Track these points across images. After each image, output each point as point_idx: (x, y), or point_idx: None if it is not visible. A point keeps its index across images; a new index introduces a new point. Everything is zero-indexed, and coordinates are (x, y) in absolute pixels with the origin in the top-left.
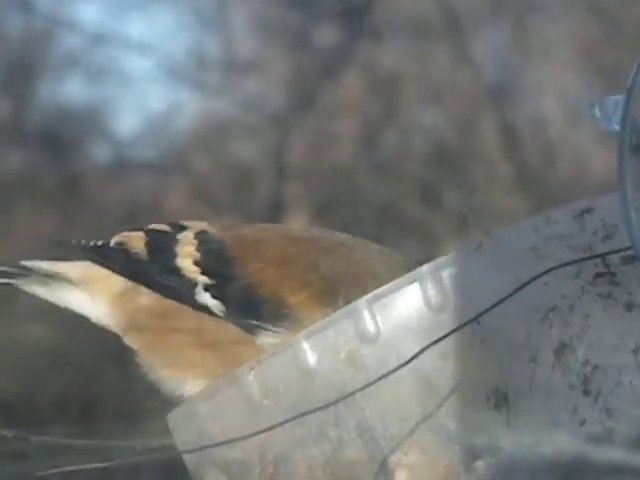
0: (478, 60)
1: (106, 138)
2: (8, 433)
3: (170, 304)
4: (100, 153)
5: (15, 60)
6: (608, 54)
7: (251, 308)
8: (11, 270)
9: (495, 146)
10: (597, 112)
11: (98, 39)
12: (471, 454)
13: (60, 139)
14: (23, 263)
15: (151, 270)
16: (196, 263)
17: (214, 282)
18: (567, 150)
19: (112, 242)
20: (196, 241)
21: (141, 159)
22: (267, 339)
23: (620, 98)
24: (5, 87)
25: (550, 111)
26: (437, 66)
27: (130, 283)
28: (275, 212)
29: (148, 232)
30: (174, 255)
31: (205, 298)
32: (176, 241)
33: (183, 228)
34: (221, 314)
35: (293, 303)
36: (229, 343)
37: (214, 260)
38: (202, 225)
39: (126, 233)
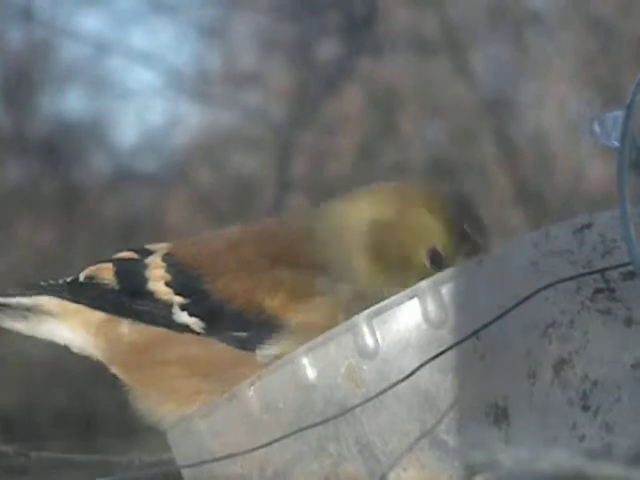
0: (477, 74)
1: (107, 150)
2: (8, 449)
3: (151, 333)
4: (101, 165)
5: (16, 72)
6: (607, 68)
7: (231, 321)
8: None
9: (494, 160)
10: (597, 128)
11: (99, 51)
12: (470, 469)
13: (61, 151)
14: None
15: (124, 299)
16: (168, 284)
17: (189, 300)
18: (566, 164)
19: (81, 277)
20: (164, 263)
21: (142, 171)
22: (265, 350)
23: (620, 114)
24: (6, 99)
25: (549, 125)
26: (436, 80)
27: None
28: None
29: (115, 262)
30: (145, 280)
31: (183, 317)
32: (145, 266)
33: (149, 252)
34: (202, 331)
35: (270, 306)
36: (225, 365)
37: (185, 279)
38: (166, 246)
39: (94, 266)
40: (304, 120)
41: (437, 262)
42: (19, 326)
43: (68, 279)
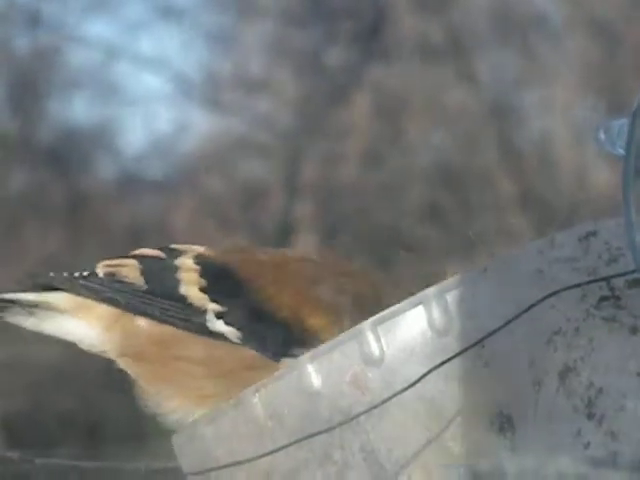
0: (483, 81)
1: (115, 157)
2: (14, 455)
3: (173, 330)
4: (108, 172)
5: (23, 77)
6: (612, 74)
7: (270, 334)
8: None
9: (499, 166)
10: (602, 136)
11: (107, 57)
12: (475, 478)
13: (68, 157)
14: (3, 296)
15: (151, 300)
16: (203, 290)
17: (226, 309)
18: (571, 171)
19: (100, 272)
20: (198, 267)
21: (150, 178)
22: (288, 362)
23: (625, 122)
24: (13, 105)
25: (554, 131)
26: (443, 87)
27: None
28: (284, 231)
29: (140, 259)
30: (176, 282)
31: (218, 326)
32: (175, 267)
33: (177, 253)
34: (238, 341)
35: (314, 324)
36: (245, 370)
37: (223, 286)
38: (197, 249)
39: (111, 261)
40: (312, 127)
41: None
42: (27, 323)
43: (84, 273)
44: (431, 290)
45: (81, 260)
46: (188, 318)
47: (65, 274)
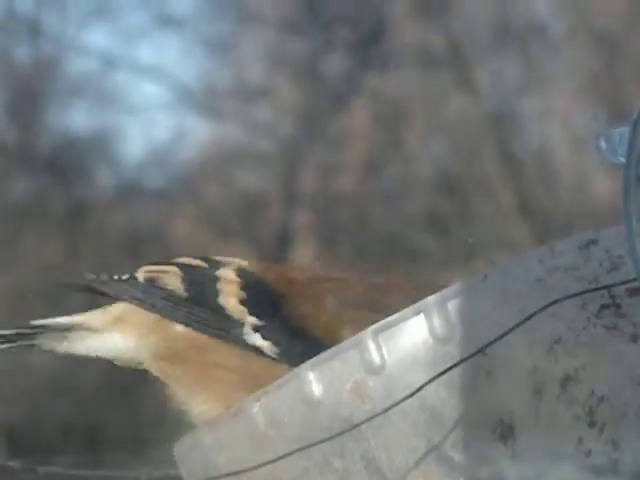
0: (482, 89)
1: (113, 165)
2: (15, 464)
3: (212, 339)
4: (107, 180)
5: (22, 86)
6: (612, 83)
7: (307, 350)
8: (25, 332)
9: (498, 175)
10: (602, 144)
11: (106, 66)
12: None
13: (67, 166)
14: (34, 323)
15: (190, 308)
16: (242, 302)
17: (264, 323)
18: (571, 180)
19: (140, 277)
20: (239, 279)
21: (149, 187)
22: None
23: (626, 130)
24: (12, 113)
25: (554, 140)
26: (442, 96)
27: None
28: (283, 240)
29: (182, 267)
30: (216, 293)
31: (255, 339)
32: (216, 278)
33: (218, 263)
34: (275, 356)
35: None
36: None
37: (262, 300)
38: (238, 261)
39: (152, 267)
40: (311, 135)
41: None
42: (60, 347)
43: (123, 276)
44: (432, 298)
45: (80, 268)
46: (226, 329)
47: (106, 276)
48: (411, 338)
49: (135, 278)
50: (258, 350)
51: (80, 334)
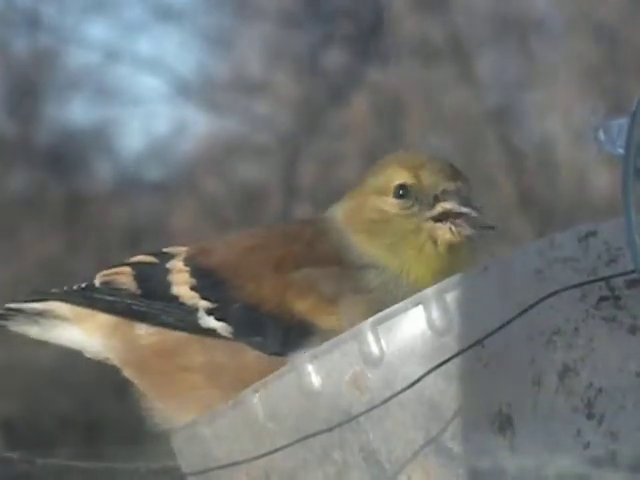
0: (482, 82)
1: (113, 158)
2: (13, 455)
3: (172, 336)
4: (107, 173)
5: (22, 79)
6: (611, 76)
7: (260, 326)
8: None
9: (499, 168)
10: (602, 136)
11: (106, 59)
12: (475, 477)
13: (67, 159)
14: (9, 305)
15: (145, 303)
16: (193, 288)
17: (216, 305)
18: (571, 172)
19: (97, 282)
20: (188, 267)
21: (148, 179)
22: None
23: (624, 122)
24: (11, 106)
25: (554, 133)
26: (442, 88)
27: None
28: None
29: (134, 266)
30: (168, 284)
31: (210, 322)
32: (167, 270)
33: (169, 256)
34: (229, 335)
35: (301, 310)
36: (254, 376)
37: (211, 283)
38: (185, 250)
39: (109, 270)
40: (311, 128)
41: (400, 193)
42: (31, 331)
43: (82, 285)
44: (431, 290)
45: (79, 261)
46: (181, 317)
47: (65, 288)
48: (410, 330)
49: (93, 284)
50: (214, 332)
51: (51, 322)
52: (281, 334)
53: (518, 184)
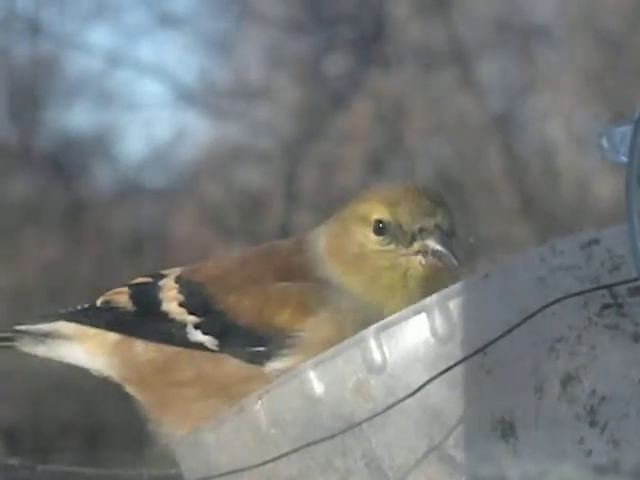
0: (484, 88)
1: (114, 164)
2: (14, 462)
3: (165, 353)
4: (108, 179)
5: (23, 85)
6: (614, 82)
7: (242, 337)
8: (6, 335)
9: (500, 174)
10: (604, 143)
11: (107, 65)
12: None
13: (68, 165)
14: (17, 327)
15: (139, 320)
16: (181, 305)
17: (202, 319)
18: (573, 178)
19: (98, 302)
20: (177, 285)
21: (149, 185)
22: (274, 365)
23: (627, 129)
24: (13, 112)
25: (556, 139)
26: (443, 94)
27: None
28: (284, 237)
29: (131, 286)
30: (159, 302)
31: (197, 336)
32: (158, 288)
33: (163, 276)
34: (215, 348)
35: (280, 321)
36: (236, 382)
37: (197, 299)
38: (179, 270)
39: (110, 292)
40: (312, 134)
41: (379, 229)
42: (37, 351)
43: (85, 305)
44: (433, 297)
45: (81, 267)
46: (172, 332)
47: (68, 308)
48: (412, 337)
49: (94, 304)
50: (201, 346)
51: (56, 341)
52: (260, 344)
53: (520, 190)
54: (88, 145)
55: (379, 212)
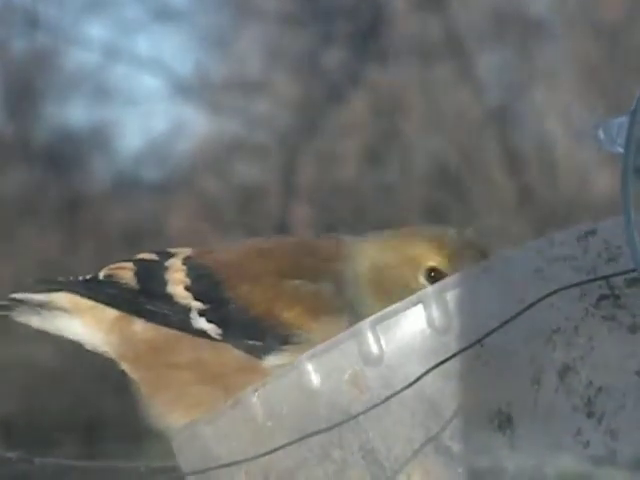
0: (481, 82)
1: (111, 158)
2: (12, 455)
3: (165, 334)
4: (105, 173)
5: (20, 79)
6: (610, 75)
7: (248, 329)
8: (2, 303)
9: (498, 167)
10: (601, 134)
11: (104, 59)
12: (475, 476)
13: (65, 159)
14: (13, 296)
15: (142, 299)
16: (187, 289)
17: (208, 306)
18: (570, 171)
19: (101, 275)
20: (185, 267)
21: (146, 179)
22: (272, 360)
23: (624, 120)
24: (9, 106)
25: (553, 132)
26: (441, 88)
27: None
28: (282, 231)
29: (136, 262)
30: (164, 282)
31: (201, 323)
32: (165, 268)
33: (170, 255)
34: (219, 337)
35: (288, 318)
36: (232, 372)
37: (205, 285)
38: (188, 250)
39: (114, 265)
40: (310, 128)
41: (434, 277)
42: (33, 321)
43: (87, 277)
44: (430, 289)
45: (78, 261)
46: (173, 316)
47: (70, 278)
48: (409, 328)
49: (96, 277)
50: (204, 333)
51: (52, 313)
52: (263, 337)
53: (517, 183)
54: (85, 139)
55: (434, 259)
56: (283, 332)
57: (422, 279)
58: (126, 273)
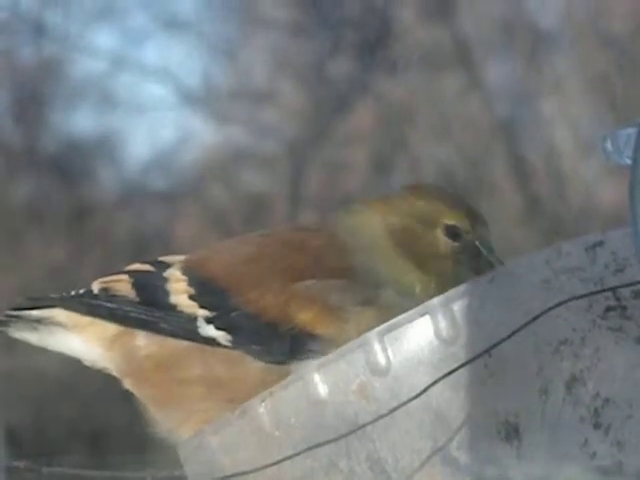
0: (489, 92)
1: (118, 167)
2: (19, 464)
3: (171, 347)
4: (112, 182)
5: (27, 87)
6: (619, 85)
7: (261, 334)
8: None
9: (506, 177)
10: (609, 146)
11: (111, 67)
12: None
13: (72, 168)
14: (9, 312)
15: (144, 311)
16: (191, 298)
17: (215, 314)
18: (578, 182)
19: (95, 289)
20: (185, 276)
21: (154, 188)
22: (291, 366)
23: (632, 132)
24: (16, 114)
25: (561, 143)
26: (449, 98)
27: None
28: None
29: (131, 273)
30: (167, 293)
31: (209, 330)
32: (164, 279)
33: (165, 265)
34: (229, 344)
35: (303, 320)
36: (249, 383)
37: (210, 293)
38: (182, 258)
39: (106, 278)
40: (317, 137)
41: (454, 234)
42: (30, 338)
43: (80, 291)
44: (438, 300)
45: (84, 270)
46: (181, 325)
47: (63, 294)
48: (417, 339)
49: (91, 291)
50: (214, 341)
51: (50, 329)
52: (281, 343)
53: (525, 194)
54: (92, 147)
55: (450, 217)
56: (300, 335)
57: (443, 237)
58: (123, 285)
